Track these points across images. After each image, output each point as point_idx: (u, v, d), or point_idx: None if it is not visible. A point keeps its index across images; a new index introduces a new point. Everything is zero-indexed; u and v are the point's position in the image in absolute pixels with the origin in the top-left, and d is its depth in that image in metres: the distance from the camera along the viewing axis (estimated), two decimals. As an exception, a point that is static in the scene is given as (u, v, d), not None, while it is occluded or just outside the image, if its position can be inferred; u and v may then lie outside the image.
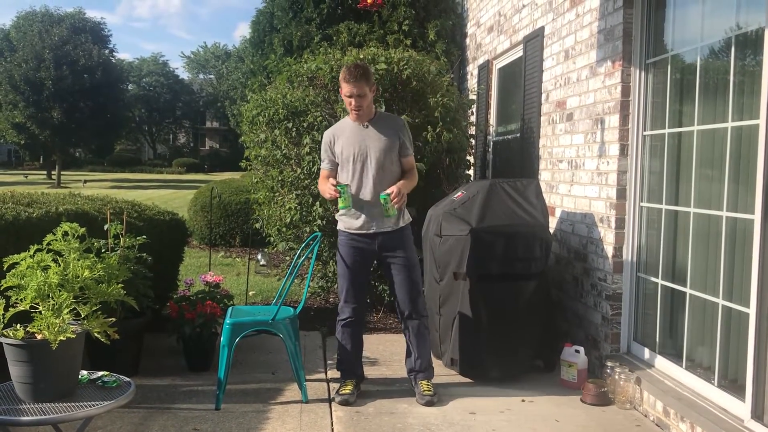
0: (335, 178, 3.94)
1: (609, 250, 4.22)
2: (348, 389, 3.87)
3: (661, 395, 3.56)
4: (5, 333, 2.74)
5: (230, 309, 4.10)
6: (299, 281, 6.43)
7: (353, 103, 3.82)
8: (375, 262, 4.04)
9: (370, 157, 3.87)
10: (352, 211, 3.89)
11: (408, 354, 4.06)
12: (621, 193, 4.16)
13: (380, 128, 3.92)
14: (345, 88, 3.82)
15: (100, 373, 2.99)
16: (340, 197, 3.78)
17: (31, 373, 2.68)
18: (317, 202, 5.38)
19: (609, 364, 3.97)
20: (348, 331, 3.97)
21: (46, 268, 2.84)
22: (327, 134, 4.01)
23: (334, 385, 4.03)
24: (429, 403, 3.82)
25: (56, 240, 3.03)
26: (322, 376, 4.32)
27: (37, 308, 2.78)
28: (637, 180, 4.12)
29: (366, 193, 3.87)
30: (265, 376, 4.28)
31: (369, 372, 4.23)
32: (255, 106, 5.76)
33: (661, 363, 3.85)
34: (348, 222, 3.93)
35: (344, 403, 3.80)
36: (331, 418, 3.63)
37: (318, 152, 5.25)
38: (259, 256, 8.65)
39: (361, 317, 4.02)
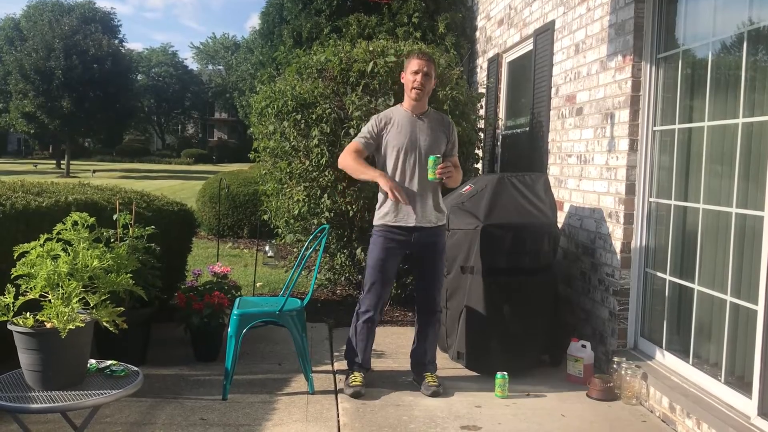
0: (365, 157, 3.88)
1: (617, 246, 4.21)
2: (358, 381, 3.87)
3: (667, 391, 3.56)
4: (15, 321, 2.76)
5: (238, 300, 4.11)
6: (306, 273, 6.44)
7: (418, 80, 3.76)
8: (406, 252, 3.97)
9: (420, 149, 3.83)
10: (396, 204, 3.82)
11: (415, 346, 4.06)
12: (630, 189, 4.15)
13: (432, 123, 3.90)
14: (413, 64, 3.77)
15: (109, 362, 3.01)
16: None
17: (40, 361, 2.69)
18: (325, 195, 5.38)
19: (615, 359, 3.97)
20: (367, 323, 3.94)
21: (55, 258, 2.85)
22: (378, 116, 3.93)
23: (341, 377, 4.04)
24: (435, 394, 3.83)
25: (66, 229, 3.04)
26: (328, 367, 4.33)
27: (47, 297, 2.80)
28: (646, 175, 4.10)
29: (413, 185, 3.83)
30: (271, 367, 4.30)
31: (375, 364, 4.24)
32: (264, 98, 5.76)
33: (668, 359, 3.84)
34: (390, 215, 3.85)
35: (356, 395, 3.78)
36: (337, 410, 3.65)
37: (326, 144, 5.26)
38: (267, 248, 8.68)
39: (381, 311, 4.02)
